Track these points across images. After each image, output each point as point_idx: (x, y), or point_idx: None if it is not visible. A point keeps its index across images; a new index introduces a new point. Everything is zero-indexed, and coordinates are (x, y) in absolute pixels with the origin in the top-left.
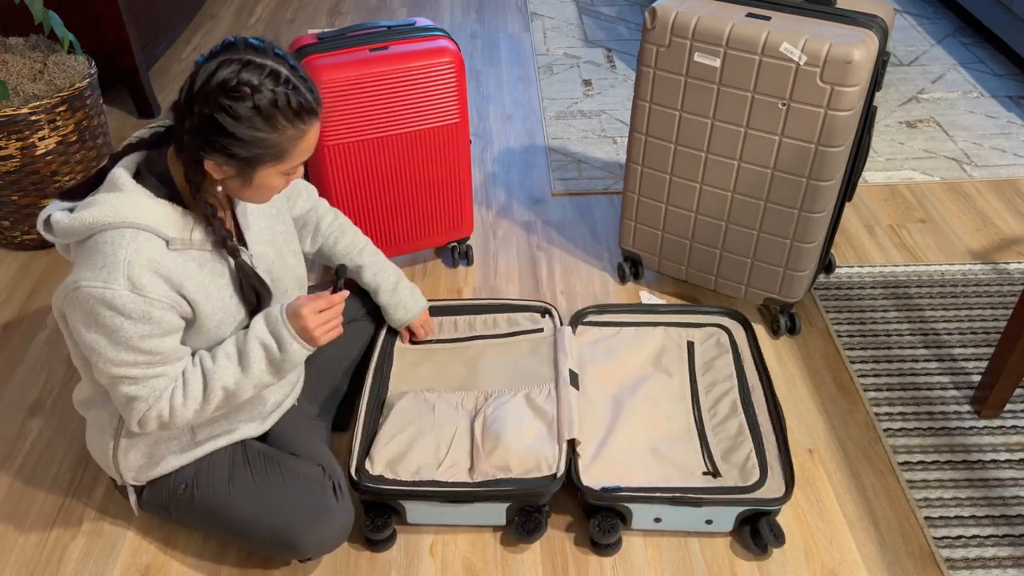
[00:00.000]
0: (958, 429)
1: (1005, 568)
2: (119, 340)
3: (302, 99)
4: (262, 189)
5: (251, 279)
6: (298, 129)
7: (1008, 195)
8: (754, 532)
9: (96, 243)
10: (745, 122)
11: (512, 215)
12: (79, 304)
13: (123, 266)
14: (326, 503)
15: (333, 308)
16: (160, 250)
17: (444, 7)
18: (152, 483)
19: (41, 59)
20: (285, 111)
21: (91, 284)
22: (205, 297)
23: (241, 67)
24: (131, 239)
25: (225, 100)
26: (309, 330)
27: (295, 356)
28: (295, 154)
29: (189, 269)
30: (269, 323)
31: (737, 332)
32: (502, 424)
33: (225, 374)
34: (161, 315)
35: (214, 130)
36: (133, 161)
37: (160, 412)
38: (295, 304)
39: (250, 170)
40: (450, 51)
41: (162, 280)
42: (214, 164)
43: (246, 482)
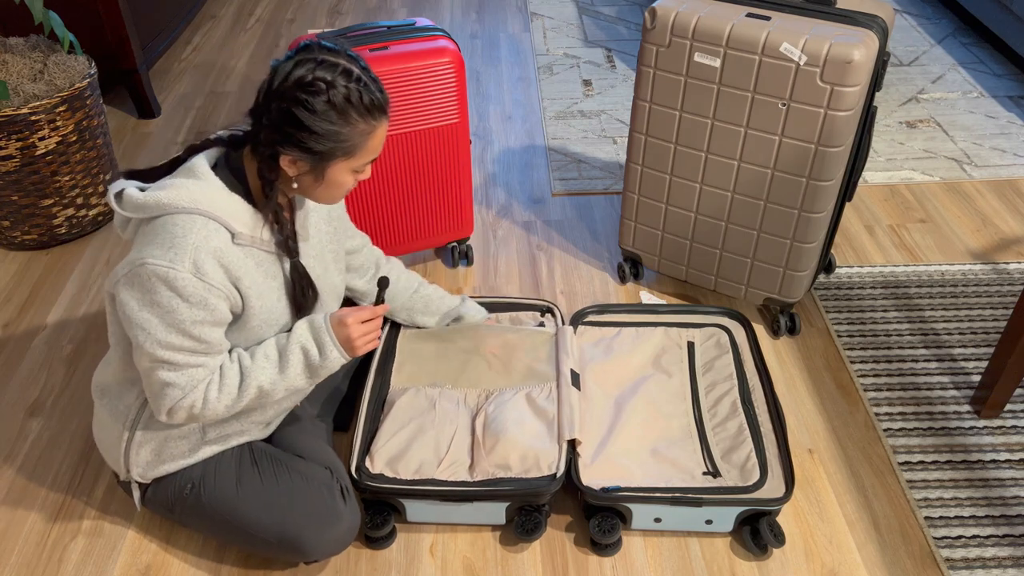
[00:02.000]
0: (958, 429)
1: (1005, 568)
2: (172, 322)
3: (373, 96)
4: (333, 187)
5: (303, 281)
6: (369, 124)
7: (1008, 195)
8: (754, 532)
9: (166, 224)
10: (745, 122)
11: (512, 215)
12: (140, 281)
13: (191, 250)
14: (334, 506)
15: (375, 320)
16: (226, 241)
17: (444, 7)
18: (157, 481)
19: (41, 59)
20: (358, 106)
21: (157, 262)
22: (257, 295)
23: (316, 65)
24: (202, 226)
25: (302, 95)
26: (352, 339)
27: (333, 363)
28: (365, 150)
29: (248, 265)
30: (313, 329)
31: (737, 332)
32: (503, 423)
33: (262, 374)
34: (216, 303)
35: (291, 124)
36: (212, 154)
37: (193, 402)
38: (339, 313)
39: (323, 165)
40: (450, 51)
41: (222, 269)
42: (290, 160)
43: (254, 484)
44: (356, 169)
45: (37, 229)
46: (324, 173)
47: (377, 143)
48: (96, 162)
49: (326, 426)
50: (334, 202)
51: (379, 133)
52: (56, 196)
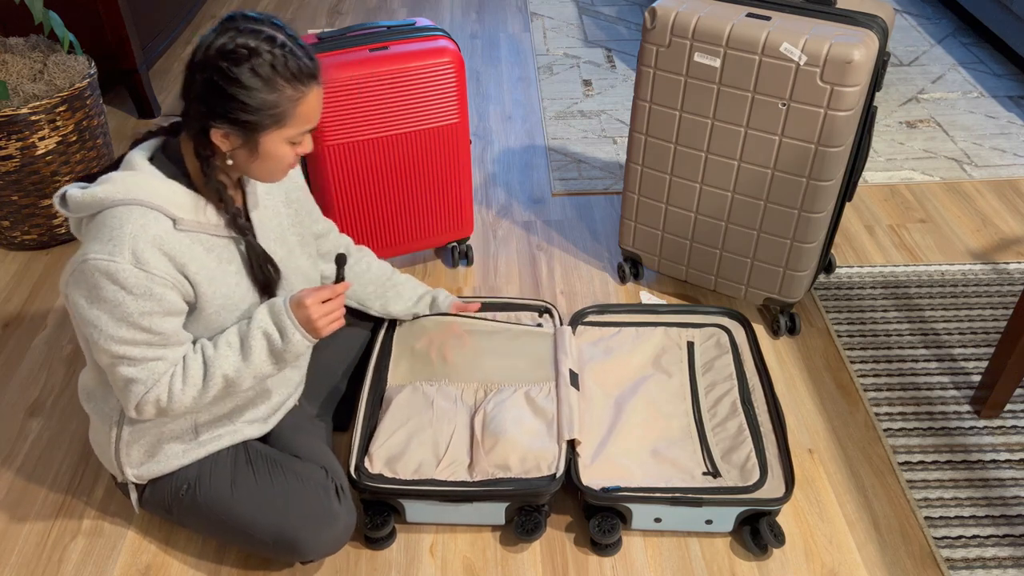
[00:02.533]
0: (958, 429)
1: (1005, 568)
2: (120, 315)
3: (300, 62)
4: (270, 160)
5: (261, 259)
6: (296, 91)
7: (1008, 195)
8: (754, 532)
9: (105, 218)
10: (745, 122)
11: (512, 215)
12: (85, 278)
13: (128, 240)
14: (329, 506)
15: (336, 299)
16: (166, 229)
17: (444, 7)
18: (154, 482)
19: (41, 59)
20: (283, 72)
21: (97, 256)
22: (208, 280)
23: (238, 33)
24: (139, 215)
25: (223, 63)
26: (312, 320)
27: (297, 346)
28: (296, 118)
29: (195, 251)
30: (272, 313)
31: (737, 332)
32: (502, 422)
33: (226, 362)
34: (162, 292)
35: (215, 95)
36: (151, 146)
37: (158, 396)
38: (299, 295)
39: (255, 136)
40: (450, 51)
41: (165, 257)
42: (220, 134)
43: (249, 484)
44: (291, 140)
45: (37, 229)
46: (257, 145)
47: (309, 110)
48: (96, 162)
49: (325, 425)
50: (275, 178)
51: (309, 100)
52: None
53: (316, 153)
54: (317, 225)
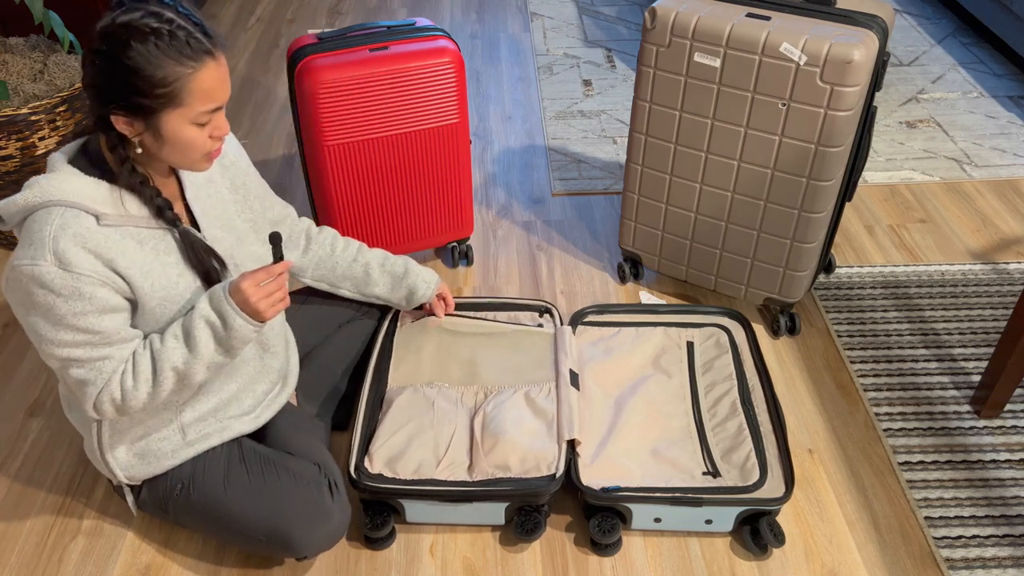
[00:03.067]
0: (958, 429)
1: (1005, 568)
2: (55, 319)
3: (189, 37)
4: (180, 145)
5: (198, 250)
6: (186, 67)
7: (1008, 195)
8: (754, 532)
9: (29, 224)
10: (745, 122)
11: (512, 215)
12: (16, 284)
13: (49, 242)
14: (322, 502)
15: (277, 280)
16: (88, 225)
17: (444, 7)
18: (149, 483)
19: (41, 59)
20: (166, 49)
21: (21, 262)
22: (142, 274)
23: (122, 13)
24: (57, 216)
25: (105, 45)
26: (252, 303)
27: (241, 332)
28: (193, 96)
29: (125, 245)
30: (213, 301)
31: (737, 332)
32: (502, 423)
33: (174, 355)
34: (92, 291)
35: (104, 80)
36: (72, 148)
37: (112, 395)
38: (236, 280)
39: (154, 120)
40: (450, 51)
41: (91, 255)
42: (122, 121)
43: (241, 481)
44: (196, 120)
45: None
46: (160, 129)
47: (207, 87)
48: None
49: (324, 425)
50: (197, 165)
51: (204, 76)
52: None
53: (316, 153)
54: (272, 211)
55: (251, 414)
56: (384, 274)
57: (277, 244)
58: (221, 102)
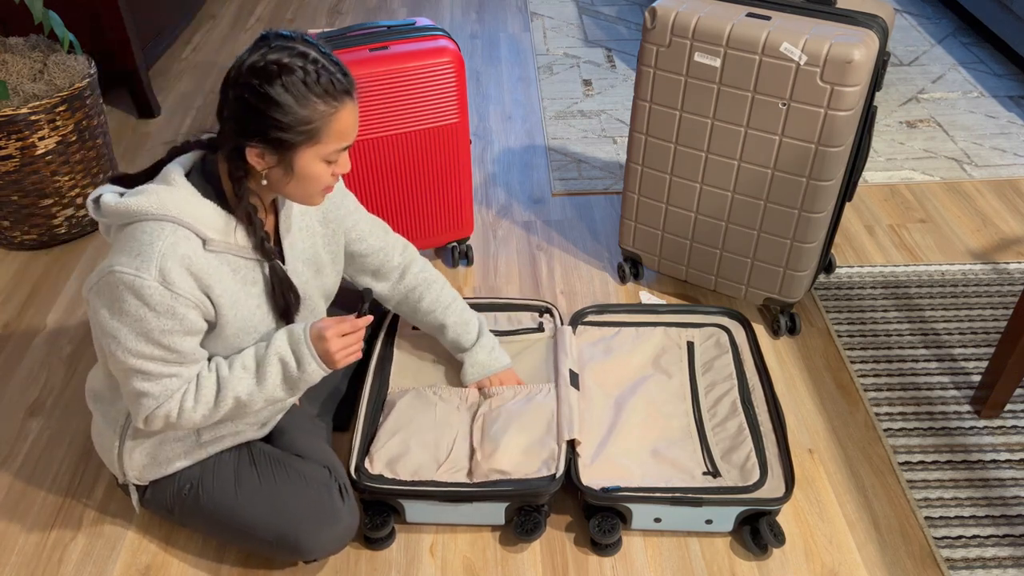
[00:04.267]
0: (958, 429)
1: (1005, 568)
2: (141, 331)
3: (333, 77)
4: (305, 180)
5: (284, 286)
6: (329, 106)
7: (1008, 195)
8: (754, 532)
9: (135, 231)
10: (745, 122)
11: (512, 215)
12: (109, 289)
13: (157, 257)
14: (333, 506)
15: (356, 333)
16: (196, 248)
17: (444, 7)
18: (156, 483)
19: (41, 59)
20: (314, 86)
21: (123, 270)
22: (231, 303)
23: (269, 50)
24: (170, 233)
25: (254, 80)
26: (331, 353)
27: (312, 376)
28: (331, 134)
29: (222, 272)
30: (292, 340)
31: (737, 332)
32: (502, 424)
33: (240, 384)
34: (185, 312)
35: (247, 113)
36: (189, 160)
37: (168, 412)
38: (319, 325)
39: (289, 155)
40: (450, 51)
41: (192, 277)
42: (255, 153)
43: (252, 484)
44: (327, 158)
45: (37, 229)
46: (293, 164)
47: (344, 127)
48: (96, 162)
49: (325, 426)
50: (313, 200)
51: (343, 116)
52: (56, 196)
53: None
54: (363, 244)
55: (265, 424)
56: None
57: (366, 300)
58: (352, 141)
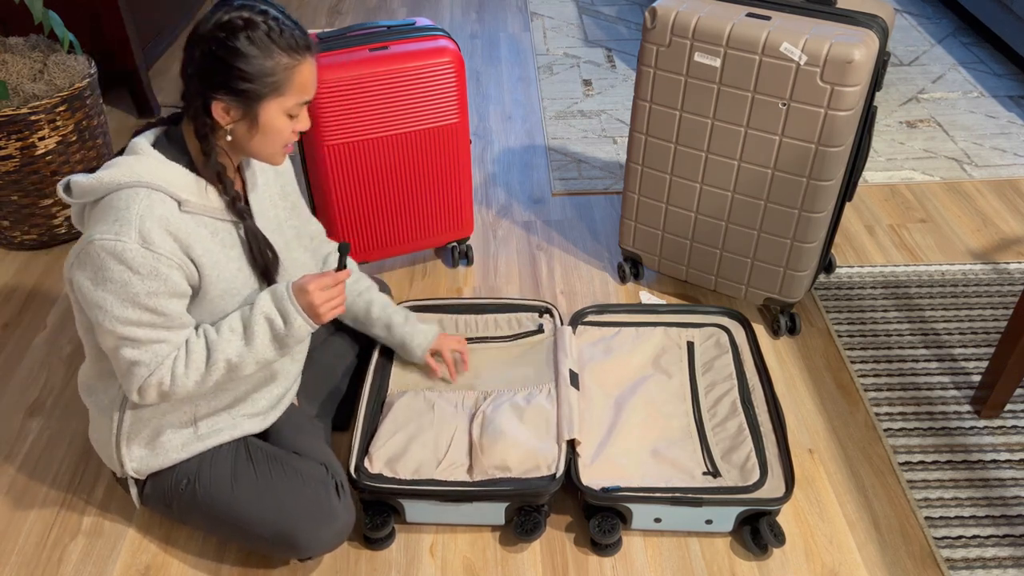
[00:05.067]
0: (958, 429)
1: (1005, 568)
2: (127, 296)
3: (293, 32)
4: (269, 133)
5: (261, 243)
6: (292, 59)
7: (1008, 195)
8: (754, 532)
9: (111, 200)
10: (745, 122)
11: (512, 215)
12: (91, 259)
13: (136, 220)
14: (329, 503)
15: (338, 285)
16: (172, 210)
17: (444, 7)
18: (154, 477)
19: (41, 59)
20: (277, 40)
21: (103, 237)
22: (212, 263)
23: (232, 8)
24: (145, 196)
25: (221, 34)
26: (315, 306)
27: (299, 331)
28: (293, 87)
29: (200, 233)
30: (275, 298)
31: (737, 332)
32: (502, 423)
33: (229, 346)
34: (168, 272)
35: (214, 66)
36: (153, 133)
37: (161, 379)
38: (301, 281)
39: (254, 107)
40: (450, 51)
41: (171, 238)
42: (221, 108)
43: (249, 479)
44: (289, 112)
45: (37, 229)
46: (257, 116)
47: (304, 80)
48: (96, 162)
49: (324, 426)
50: (275, 158)
51: (304, 70)
52: (56, 196)
53: (316, 153)
54: (310, 226)
55: (261, 416)
56: (383, 316)
57: (344, 253)
58: (312, 96)
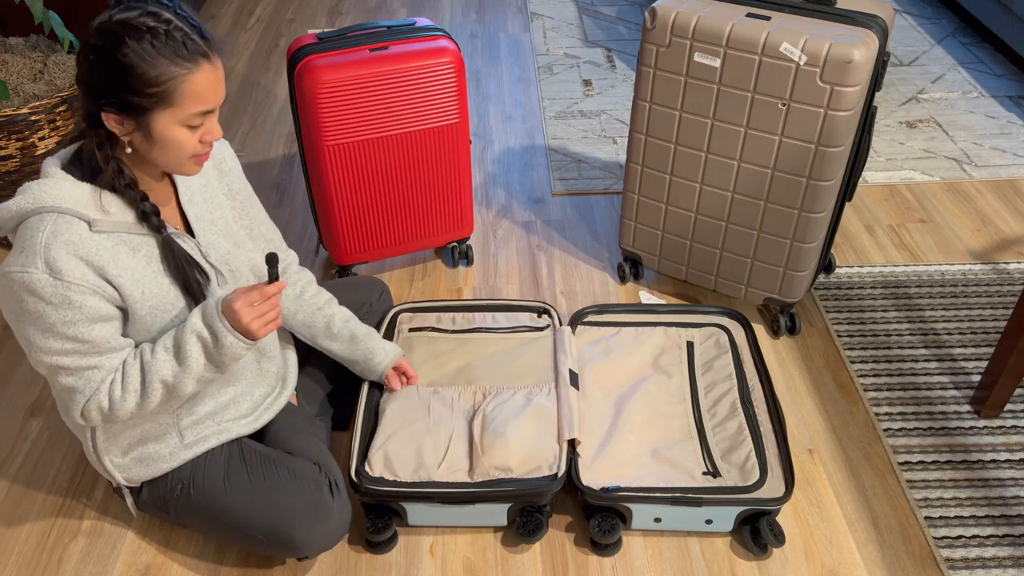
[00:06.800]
0: (958, 429)
1: (1005, 568)
2: (44, 327)
3: (186, 38)
4: (168, 146)
5: (179, 259)
6: (181, 67)
7: (1008, 195)
8: (754, 532)
9: (22, 231)
10: (745, 122)
11: (512, 215)
12: (6, 292)
13: (40, 249)
14: (322, 501)
15: (269, 300)
16: (81, 232)
17: (444, 7)
18: (149, 484)
19: (41, 59)
20: (161, 48)
21: (11, 269)
22: (133, 282)
23: (119, 11)
24: (51, 222)
25: (99, 42)
26: (243, 323)
27: (232, 350)
28: (186, 97)
29: (118, 253)
30: (205, 316)
31: (736, 332)
32: (502, 423)
33: (163, 367)
34: (82, 300)
35: (96, 76)
36: (66, 152)
37: (100, 404)
38: (228, 298)
39: (144, 119)
40: (450, 51)
41: (82, 263)
42: (113, 120)
43: (242, 481)
44: (186, 123)
45: None
46: (151, 130)
47: (200, 89)
48: None
49: (324, 425)
50: (184, 168)
51: (198, 79)
52: None
53: (316, 153)
54: (263, 226)
55: (249, 417)
56: (345, 330)
57: (273, 264)
58: (213, 105)
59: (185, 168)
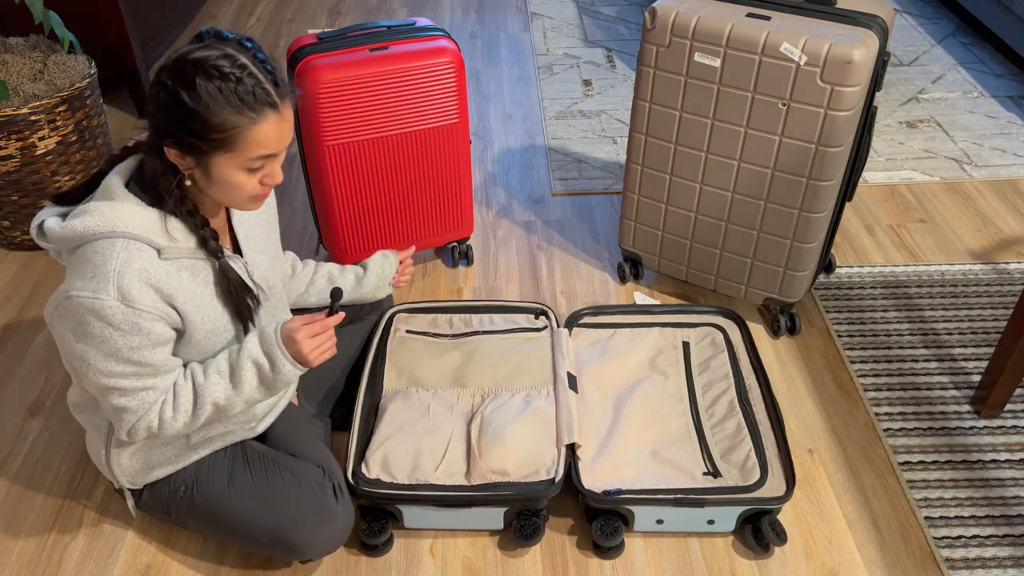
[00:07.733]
0: (958, 429)
1: (1005, 568)
2: (108, 351)
3: (258, 87)
4: (226, 186)
5: (234, 285)
6: (245, 116)
7: (1008, 195)
8: (755, 531)
9: (87, 252)
10: (745, 122)
11: (512, 215)
12: (69, 314)
13: (113, 276)
14: (327, 505)
15: (327, 332)
16: (151, 260)
17: (444, 7)
18: (151, 485)
19: (41, 59)
20: (230, 95)
21: (80, 294)
22: (195, 308)
23: (197, 50)
24: (122, 249)
25: (170, 80)
26: (303, 353)
27: (287, 376)
28: (246, 145)
29: (182, 279)
30: (263, 342)
31: (732, 331)
32: (500, 427)
33: (216, 390)
34: (150, 327)
35: (163, 113)
36: (127, 167)
37: (150, 423)
38: (290, 326)
39: (205, 160)
40: (450, 51)
41: (152, 291)
42: (175, 153)
43: (246, 484)
44: (247, 167)
45: None
46: (209, 169)
47: (264, 139)
48: (96, 162)
49: (324, 425)
50: (241, 205)
51: (263, 128)
52: None
53: (316, 153)
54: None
55: (255, 420)
56: (348, 273)
57: (336, 299)
58: (276, 151)
59: (243, 206)
